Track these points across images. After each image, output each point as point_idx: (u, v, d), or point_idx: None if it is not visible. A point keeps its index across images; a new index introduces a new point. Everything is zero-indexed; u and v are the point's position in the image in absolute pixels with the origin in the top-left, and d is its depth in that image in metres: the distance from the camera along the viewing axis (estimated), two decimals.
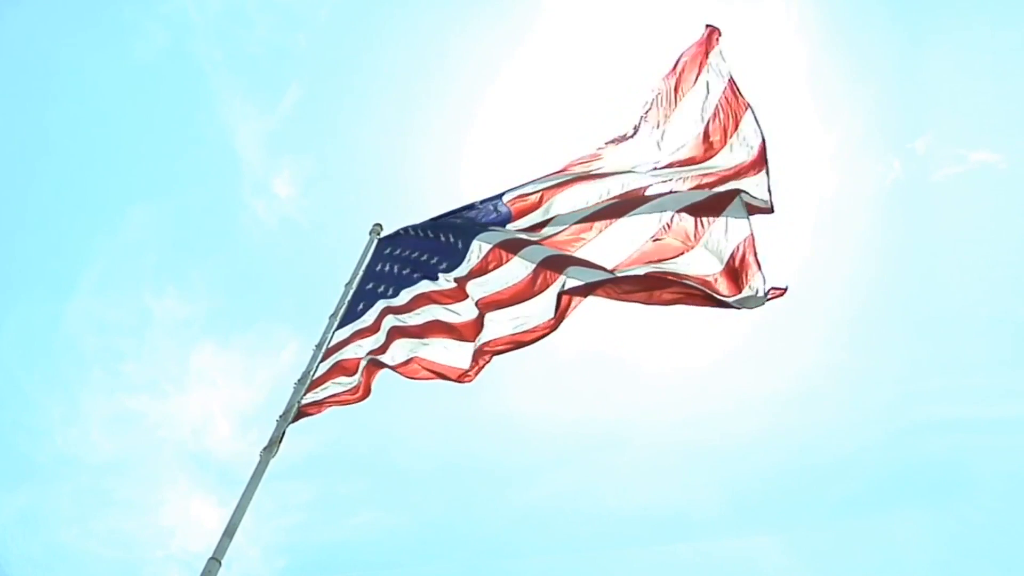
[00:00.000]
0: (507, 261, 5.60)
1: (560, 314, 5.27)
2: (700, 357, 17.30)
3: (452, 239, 5.89)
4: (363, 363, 5.74)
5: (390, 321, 5.89)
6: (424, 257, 6.00)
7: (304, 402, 5.48)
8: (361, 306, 6.00)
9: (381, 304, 5.97)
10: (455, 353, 5.64)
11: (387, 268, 6.19)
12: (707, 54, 5.59)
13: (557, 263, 5.38)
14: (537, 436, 17.71)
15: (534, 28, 20.98)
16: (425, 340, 5.75)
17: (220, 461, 17.52)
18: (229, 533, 4.63)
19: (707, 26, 5.68)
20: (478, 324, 5.58)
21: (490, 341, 5.50)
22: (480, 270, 5.65)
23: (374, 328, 5.88)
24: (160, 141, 20.86)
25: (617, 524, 16.51)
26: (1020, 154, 17.35)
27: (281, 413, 5.37)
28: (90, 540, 16.70)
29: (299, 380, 5.61)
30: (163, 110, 20.50)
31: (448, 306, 5.75)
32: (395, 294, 5.97)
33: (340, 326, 5.94)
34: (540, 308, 5.39)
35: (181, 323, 19.57)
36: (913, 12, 18.29)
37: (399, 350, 5.79)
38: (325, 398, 5.60)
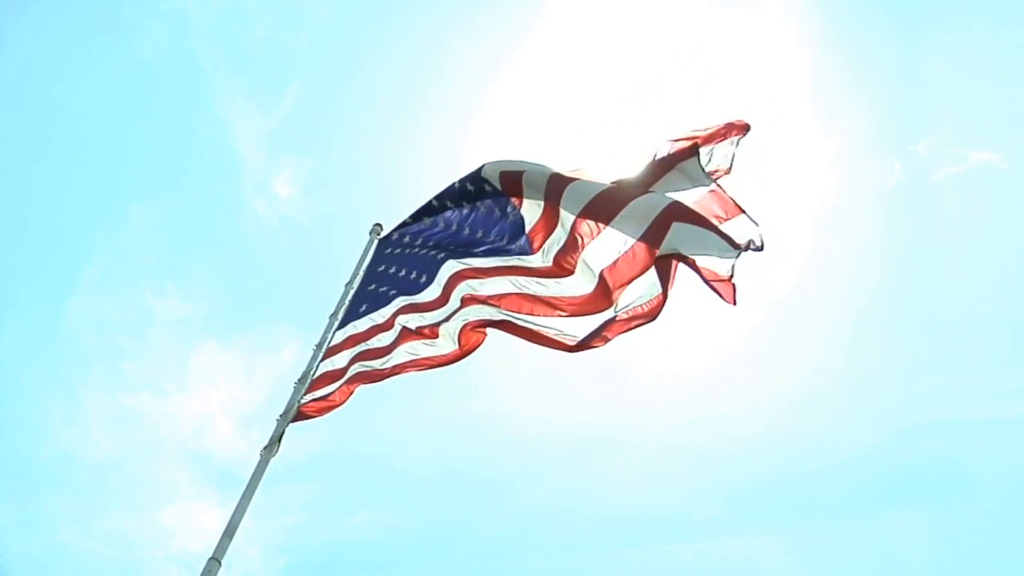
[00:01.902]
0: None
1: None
2: (701, 359, 17.32)
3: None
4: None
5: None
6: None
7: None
8: (364, 307, 5.99)
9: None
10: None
11: (392, 269, 6.17)
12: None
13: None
14: (537, 437, 17.72)
15: (535, 28, 21.01)
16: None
17: (220, 460, 17.54)
18: (229, 533, 4.63)
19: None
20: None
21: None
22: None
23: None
24: (160, 140, 20.87)
25: (617, 524, 16.52)
26: (1020, 154, 17.36)
27: (281, 413, 5.37)
28: (90, 540, 16.70)
29: (299, 380, 5.61)
30: (163, 109, 20.51)
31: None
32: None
33: (341, 326, 5.93)
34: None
35: (181, 322, 19.61)
36: (913, 13, 18.30)
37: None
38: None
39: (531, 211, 5.68)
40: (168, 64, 19.95)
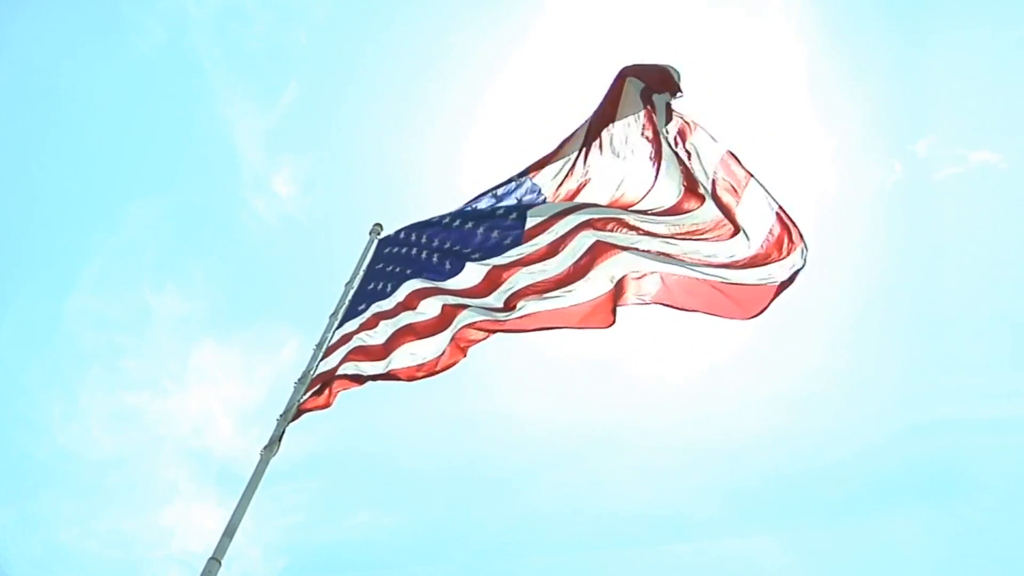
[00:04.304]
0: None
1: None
2: (702, 360, 17.35)
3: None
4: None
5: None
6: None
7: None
8: (363, 305, 5.99)
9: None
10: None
11: (390, 266, 6.17)
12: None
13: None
14: (537, 437, 17.75)
15: (535, 27, 21.02)
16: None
17: (220, 460, 17.57)
18: (229, 533, 4.63)
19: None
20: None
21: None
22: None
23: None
24: (159, 138, 20.90)
25: (617, 524, 16.56)
26: (1020, 154, 17.38)
27: (281, 412, 5.37)
28: (90, 540, 16.72)
29: (299, 380, 5.60)
30: (162, 107, 20.56)
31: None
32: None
33: (340, 325, 5.93)
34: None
35: (181, 320, 19.64)
36: (912, 13, 18.32)
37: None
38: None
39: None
40: (167, 62, 19.99)
